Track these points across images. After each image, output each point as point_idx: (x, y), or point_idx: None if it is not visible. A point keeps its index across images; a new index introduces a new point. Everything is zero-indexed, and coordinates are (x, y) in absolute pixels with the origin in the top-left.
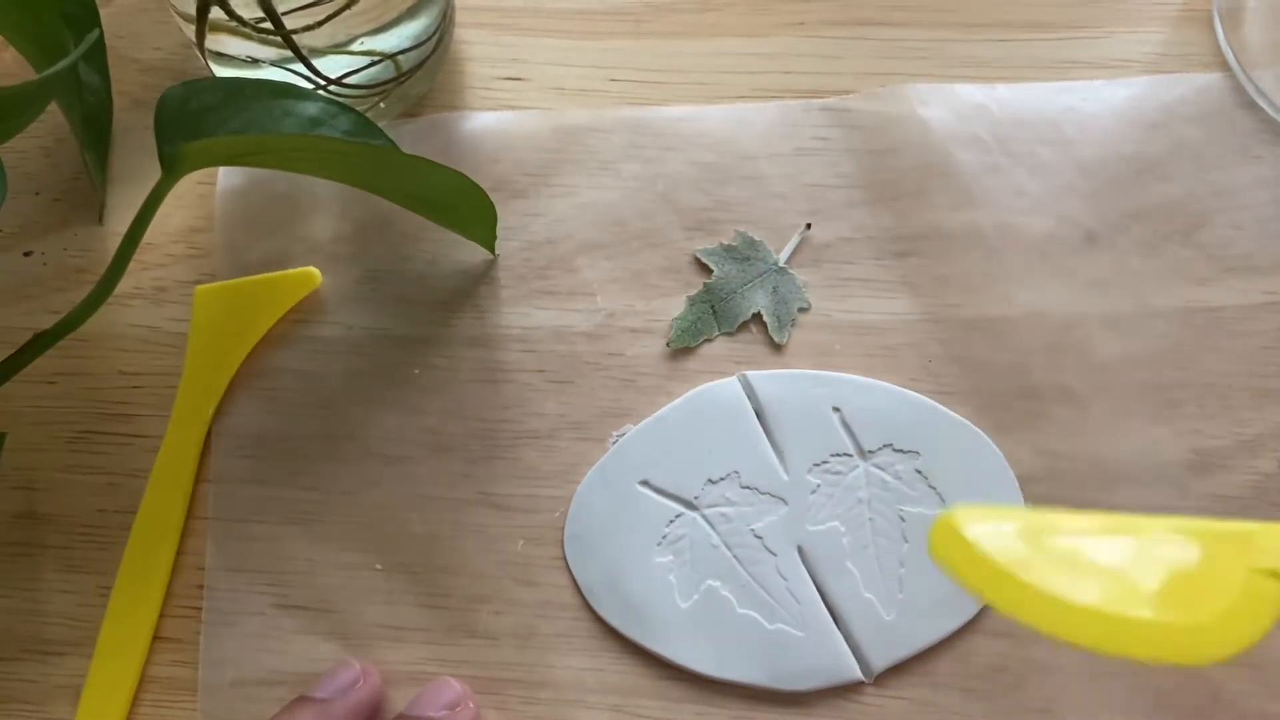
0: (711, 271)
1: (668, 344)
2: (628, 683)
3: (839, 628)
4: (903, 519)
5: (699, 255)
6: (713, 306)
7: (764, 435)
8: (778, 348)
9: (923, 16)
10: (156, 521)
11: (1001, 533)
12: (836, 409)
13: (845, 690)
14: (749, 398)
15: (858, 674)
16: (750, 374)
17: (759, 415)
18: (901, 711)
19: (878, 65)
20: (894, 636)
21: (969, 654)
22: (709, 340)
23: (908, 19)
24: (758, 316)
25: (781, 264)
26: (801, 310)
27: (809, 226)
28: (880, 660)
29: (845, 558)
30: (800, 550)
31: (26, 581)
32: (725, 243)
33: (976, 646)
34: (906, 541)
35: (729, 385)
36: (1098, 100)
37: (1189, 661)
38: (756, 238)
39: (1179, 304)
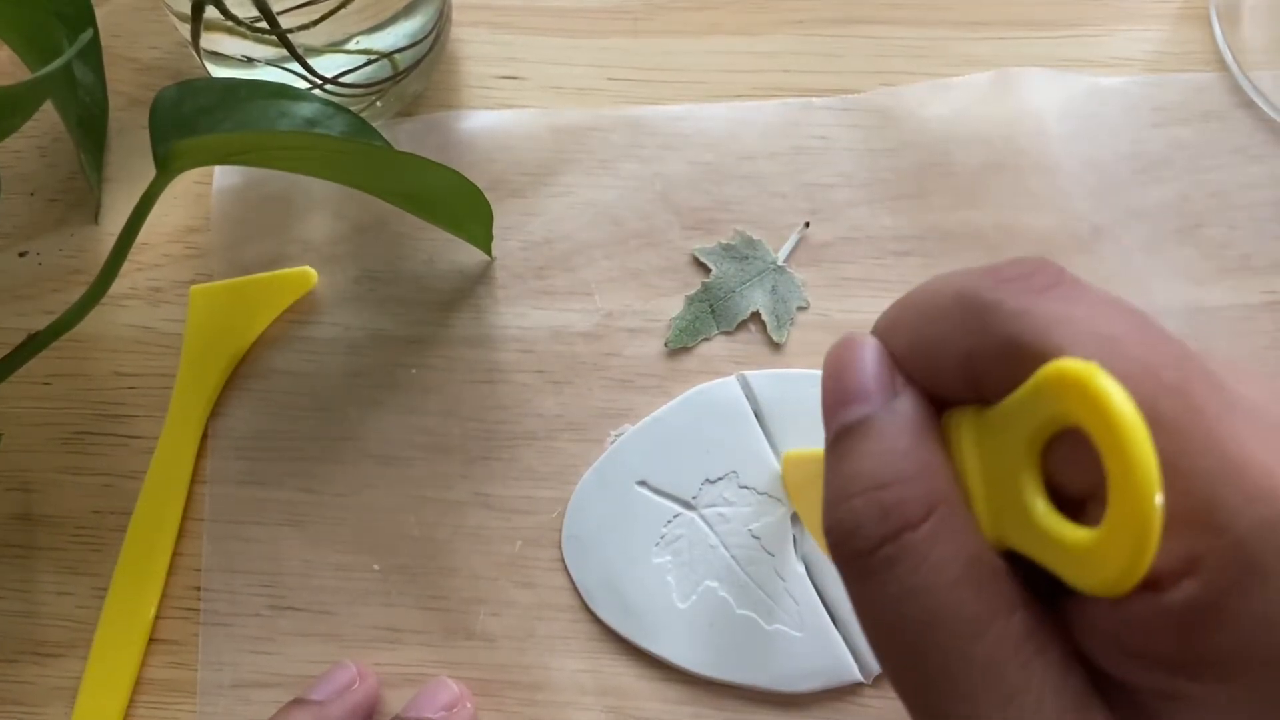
0: (710, 270)
1: (666, 344)
2: (626, 684)
3: (838, 629)
4: None
5: (697, 254)
6: (711, 306)
7: (763, 435)
8: (776, 347)
9: (922, 15)
10: (152, 523)
11: (800, 463)
12: None
13: (843, 691)
14: (747, 398)
15: (856, 675)
16: (749, 374)
17: (757, 415)
18: (899, 713)
19: (877, 64)
20: None
21: None
22: (707, 339)
23: (907, 17)
24: (756, 315)
25: (780, 263)
26: (800, 309)
27: (807, 225)
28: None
29: None
30: (798, 550)
31: (22, 583)
32: (724, 241)
33: None
34: None
35: (727, 385)
36: (1095, 99)
37: None
38: (755, 237)
39: (1179, 304)
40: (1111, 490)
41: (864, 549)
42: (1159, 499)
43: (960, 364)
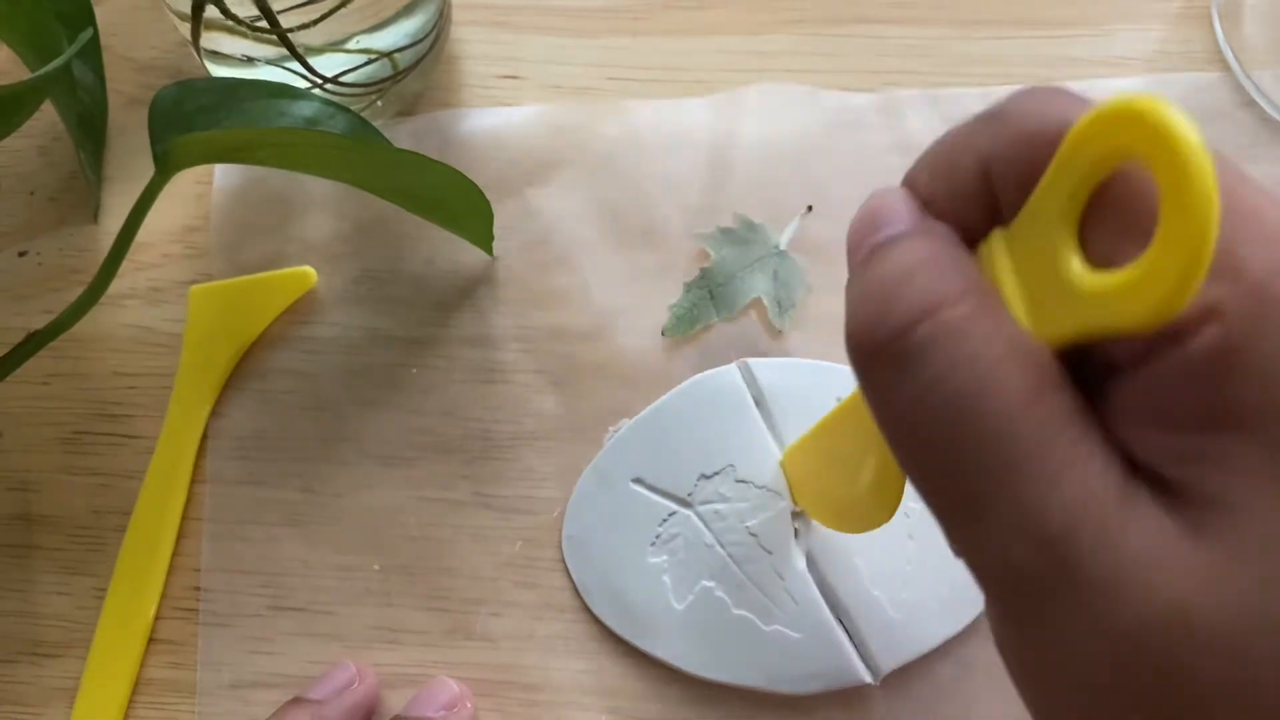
0: (709, 256)
1: (663, 333)
2: (626, 685)
3: (846, 626)
4: (906, 515)
5: (696, 239)
6: (710, 292)
7: (763, 424)
8: (778, 334)
9: (922, 14)
10: (152, 523)
11: (797, 451)
12: (839, 399)
13: (848, 693)
14: (749, 385)
15: (860, 676)
16: (752, 360)
17: (758, 403)
18: (902, 714)
19: (878, 63)
20: (901, 637)
21: (968, 656)
22: (707, 328)
23: (907, 16)
24: (757, 304)
25: (782, 247)
26: (803, 295)
27: (810, 209)
28: (889, 661)
29: (853, 553)
30: (801, 542)
31: (21, 583)
32: (724, 226)
33: (975, 648)
34: (911, 539)
35: (728, 372)
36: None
37: (867, 526)
38: (756, 221)
39: None
40: (1165, 210)
41: (899, 329)
42: (1218, 203)
43: (978, 177)
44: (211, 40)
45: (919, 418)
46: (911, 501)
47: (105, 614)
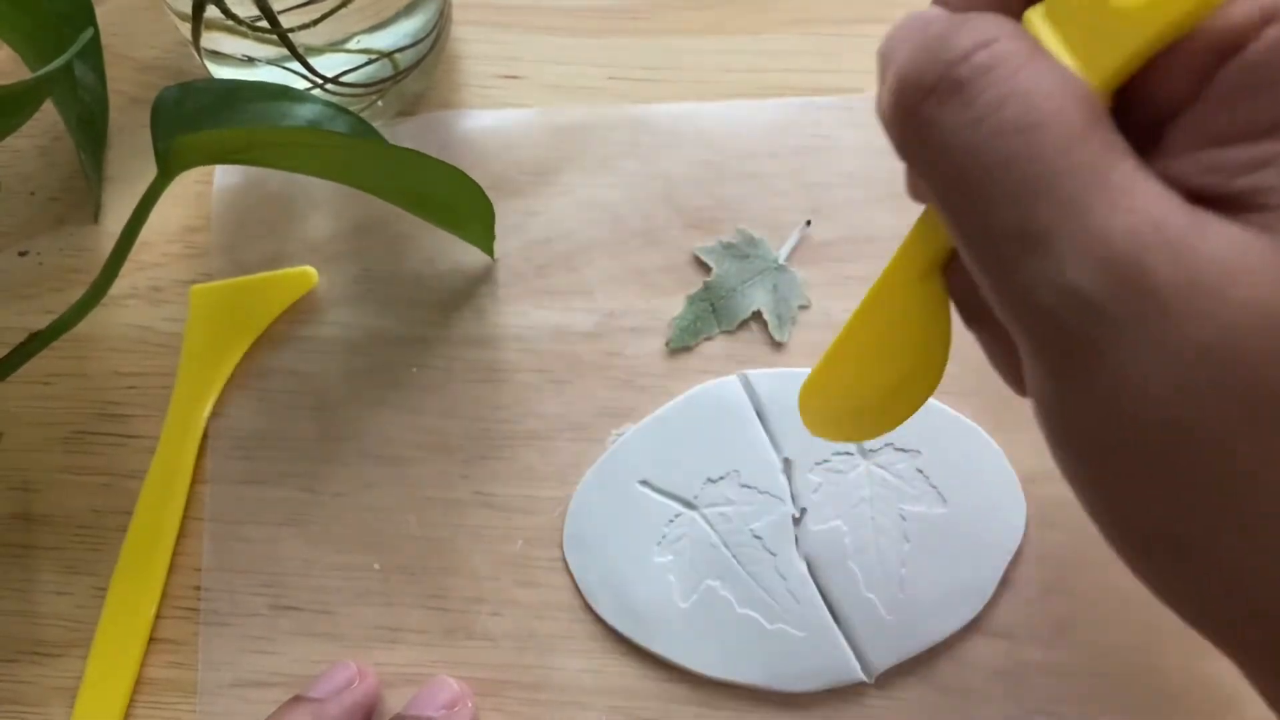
0: (711, 269)
1: (667, 344)
2: (627, 684)
3: (840, 628)
4: (904, 518)
5: (698, 254)
6: (712, 305)
7: (764, 434)
8: (778, 346)
9: None
10: (152, 522)
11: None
12: None
13: (845, 691)
14: (749, 396)
15: (858, 675)
16: (750, 372)
17: (759, 414)
18: (902, 713)
19: None
20: (895, 637)
21: (969, 655)
22: (709, 339)
23: None
24: (758, 315)
25: (781, 261)
26: (802, 308)
27: (809, 223)
28: (881, 661)
29: (847, 557)
30: (800, 549)
31: (22, 583)
32: (725, 240)
33: (976, 647)
34: (908, 541)
35: (729, 384)
36: None
37: (908, 412)
38: (756, 235)
39: None
40: None
41: (954, 60)
42: None
43: None
44: (212, 40)
45: (975, 149)
46: (909, 505)
47: (106, 613)
